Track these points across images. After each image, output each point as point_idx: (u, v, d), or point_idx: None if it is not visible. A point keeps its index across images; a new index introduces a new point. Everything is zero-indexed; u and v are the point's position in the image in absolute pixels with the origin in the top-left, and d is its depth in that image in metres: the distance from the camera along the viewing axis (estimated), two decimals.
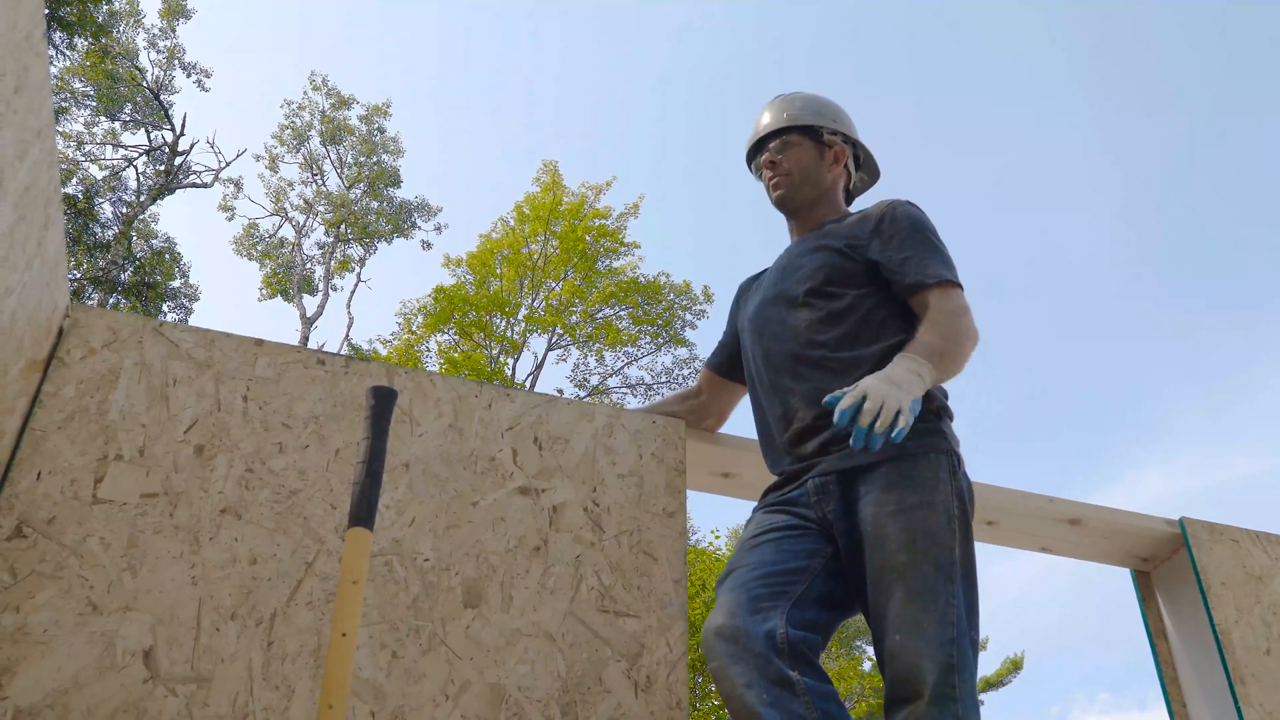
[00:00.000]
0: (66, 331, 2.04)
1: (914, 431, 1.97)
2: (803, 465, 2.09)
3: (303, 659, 1.86)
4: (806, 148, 2.42)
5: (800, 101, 2.49)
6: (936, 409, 2.06)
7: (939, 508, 1.88)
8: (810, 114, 2.45)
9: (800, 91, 2.54)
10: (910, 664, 1.73)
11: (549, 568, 2.12)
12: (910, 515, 1.87)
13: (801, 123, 2.43)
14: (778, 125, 2.45)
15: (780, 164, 2.42)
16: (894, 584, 1.82)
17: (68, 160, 20.18)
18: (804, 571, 1.94)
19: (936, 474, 1.93)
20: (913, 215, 2.25)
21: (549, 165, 18.80)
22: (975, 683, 1.76)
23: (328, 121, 23.69)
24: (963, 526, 1.90)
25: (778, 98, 2.53)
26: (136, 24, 21.10)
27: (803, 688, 1.72)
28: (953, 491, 1.92)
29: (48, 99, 1.73)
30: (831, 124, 2.44)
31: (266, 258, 23.62)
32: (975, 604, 1.85)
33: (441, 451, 2.18)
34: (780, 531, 2.02)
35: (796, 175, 2.40)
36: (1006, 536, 2.85)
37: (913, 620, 1.77)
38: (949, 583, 1.81)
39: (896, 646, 1.76)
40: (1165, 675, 2.81)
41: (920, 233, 2.22)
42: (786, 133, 2.44)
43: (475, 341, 17.31)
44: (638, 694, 2.04)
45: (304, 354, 2.20)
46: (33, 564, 1.79)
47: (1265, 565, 2.82)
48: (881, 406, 1.81)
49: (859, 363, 2.09)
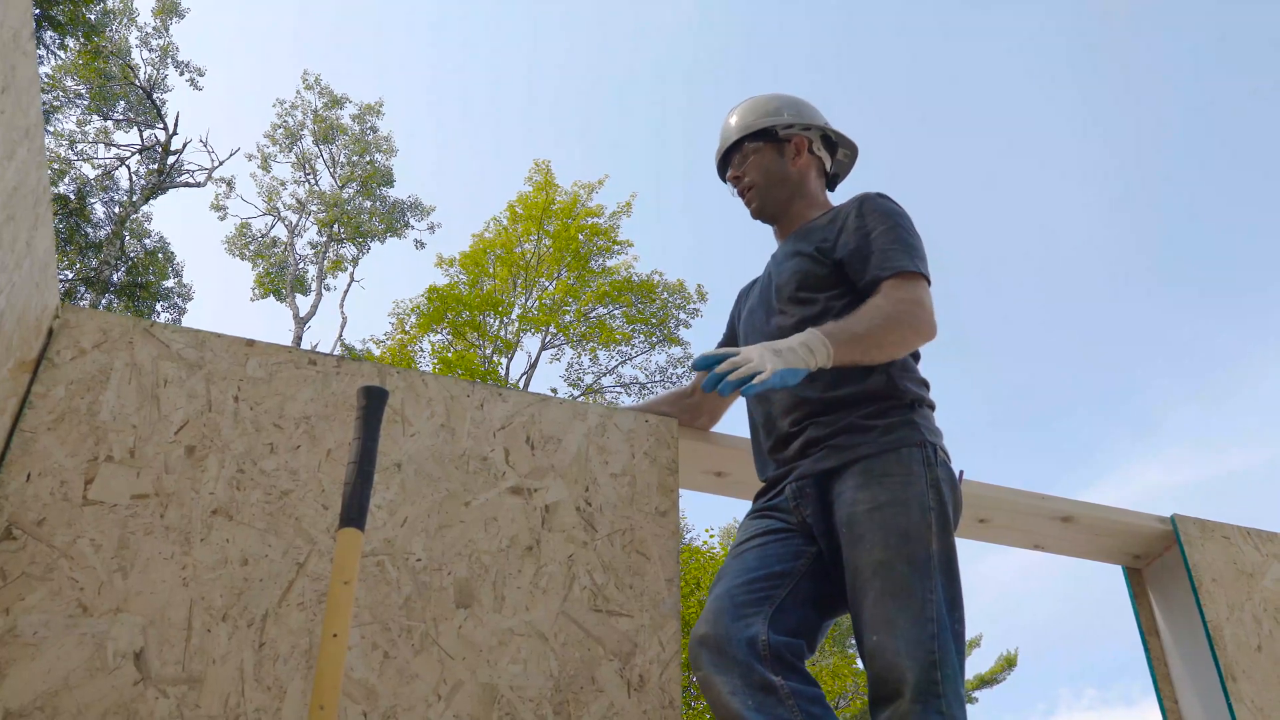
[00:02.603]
0: (56, 332, 2.03)
1: (885, 427, 1.98)
2: (783, 470, 2.10)
3: (295, 660, 1.86)
4: (765, 151, 2.40)
5: (746, 107, 2.47)
6: (909, 401, 2.04)
7: (913, 503, 1.88)
8: (758, 116, 2.43)
9: (748, 97, 2.51)
10: (889, 663, 1.74)
11: (541, 567, 2.12)
12: (884, 513, 1.87)
13: (753, 129, 2.41)
14: (731, 140, 2.44)
15: (743, 177, 2.41)
16: (870, 583, 1.82)
17: (60, 159, 20.12)
18: (787, 575, 1.95)
19: (910, 468, 1.92)
20: (880, 208, 2.22)
21: (541, 164, 18.79)
22: (960, 676, 1.75)
23: (320, 120, 23.65)
24: (939, 519, 1.88)
25: (729, 112, 2.51)
26: (130, 22, 21.06)
27: (787, 692, 1.74)
28: (928, 484, 1.91)
29: (36, 98, 1.73)
30: (783, 119, 2.41)
31: (259, 257, 23.58)
32: (957, 597, 1.84)
33: (434, 451, 2.17)
34: (764, 536, 2.04)
35: (763, 182, 2.38)
36: (999, 534, 2.86)
37: (889, 619, 1.77)
38: (925, 579, 1.80)
39: (875, 646, 1.77)
40: (1157, 672, 2.81)
41: (885, 225, 2.18)
42: (741, 144, 2.42)
43: (469, 341, 17.30)
44: (630, 693, 2.04)
45: (295, 354, 2.20)
46: (22, 566, 1.79)
47: (1256, 562, 2.83)
48: (745, 363, 1.82)
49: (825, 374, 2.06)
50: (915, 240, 2.18)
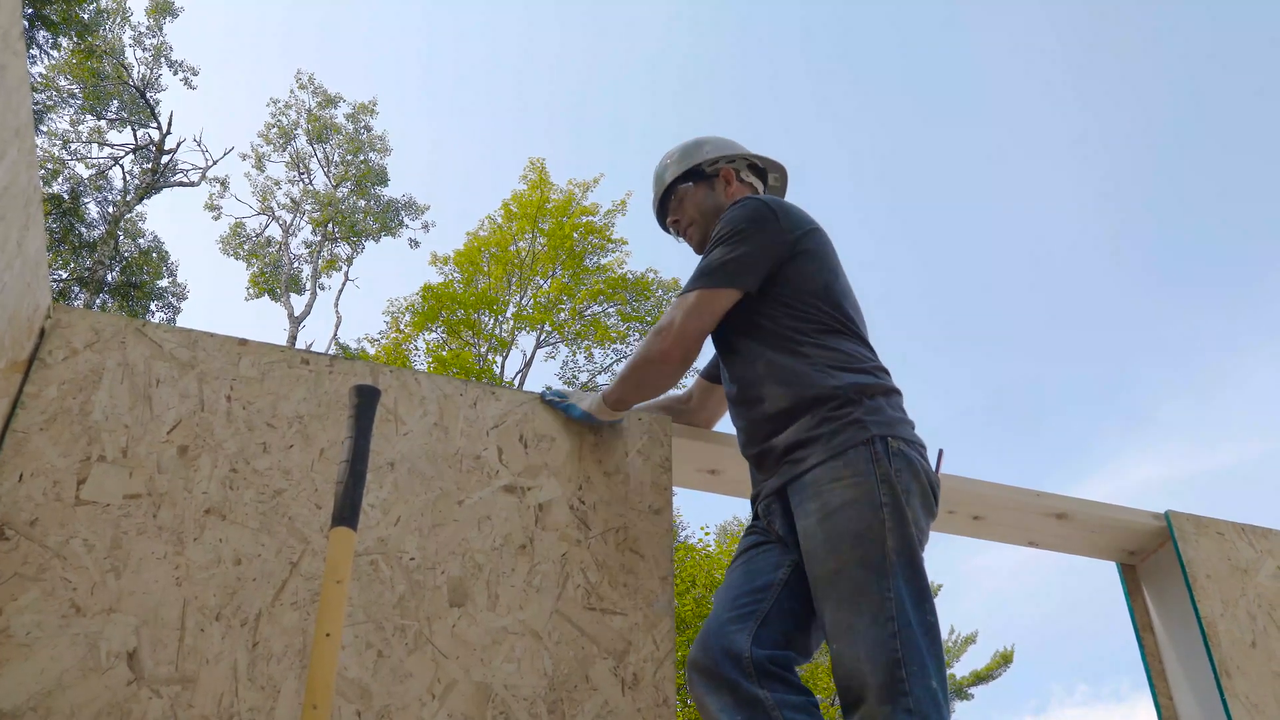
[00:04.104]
0: (48, 332, 2.03)
1: (830, 433, 1.96)
2: (756, 490, 2.17)
3: (288, 659, 1.85)
4: (695, 190, 2.44)
5: (666, 159, 2.52)
6: (849, 398, 1.99)
7: (863, 503, 1.86)
8: (679, 161, 2.48)
9: (666, 152, 2.55)
10: (849, 669, 1.74)
11: (535, 566, 2.11)
12: (833, 520, 1.87)
13: (681, 171, 2.45)
14: (663, 187, 2.49)
15: (681, 220, 2.46)
16: (827, 594, 1.83)
17: (53, 159, 20.08)
18: (770, 587, 1.98)
19: (857, 468, 1.90)
20: (715, 229, 2.25)
21: (536, 163, 18.76)
22: (932, 670, 1.73)
23: (314, 120, 23.62)
24: (894, 514, 1.85)
25: (655, 168, 2.56)
26: (123, 21, 21.00)
27: (772, 704, 1.78)
28: (878, 480, 1.88)
29: (26, 98, 1.72)
30: (704, 156, 2.45)
31: (253, 257, 23.54)
32: (924, 589, 1.82)
33: (427, 450, 2.17)
34: (751, 551, 2.10)
35: (699, 217, 2.42)
36: (994, 531, 2.86)
37: (848, 626, 1.77)
38: (882, 578, 1.79)
39: (836, 654, 1.79)
40: (1151, 668, 2.82)
41: (710, 244, 2.22)
42: (674, 189, 2.46)
43: (463, 340, 17.28)
44: (624, 691, 2.04)
45: (288, 353, 2.19)
46: (15, 566, 1.78)
47: (1250, 558, 2.83)
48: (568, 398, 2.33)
49: (760, 388, 2.11)
50: (716, 256, 2.18)
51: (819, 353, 2.07)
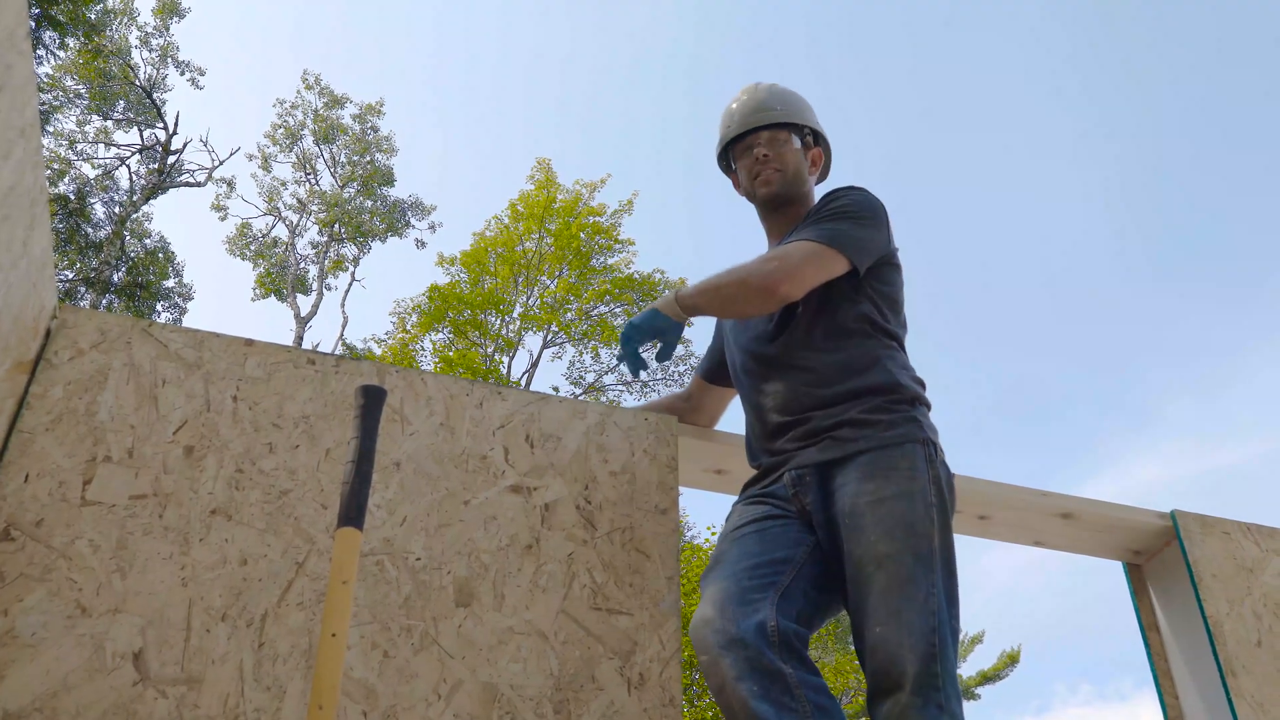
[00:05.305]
0: (54, 333, 2.03)
1: (889, 422, 1.98)
2: (778, 459, 2.11)
3: (294, 659, 1.86)
4: (794, 148, 2.36)
5: (786, 97, 2.42)
6: (910, 398, 2.05)
7: (917, 497, 1.88)
8: (790, 108, 2.39)
9: (776, 85, 2.46)
10: (892, 654, 1.73)
11: (541, 566, 2.11)
12: (888, 506, 1.87)
13: (790, 120, 2.37)
14: (770, 119, 2.36)
15: (772, 159, 2.33)
16: (874, 575, 1.81)
17: (60, 159, 20.12)
18: (789, 561, 1.94)
19: (913, 463, 1.93)
20: (837, 199, 2.22)
21: (543, 163, 18.78)
22: (956, 672, 1.75)
23: (321, 120, 23.64)
24: (940, 516, 1.89)
25: (757, 88, 2.45)
26: (130, 21, 21.05)
27: (795, 680, 1.71)
28: (930, 480, 1.91)
29: (32, 98, 1.72)
30: (812, 124, 2.40)
31: (260, 258, 23.57)
32: (955, 593, 1.85)
33: (433, 450, 2.17)
34: (763, 522, 2.03)
35: (789, 173, 2.34)
36: (999, 531, 2.85)
37: (893, 610, 1.76)
38: (929, 572, 1.80)
39: (877, 638, 1.76)
40: (1157, 668, 2.81)
41: (830, 210, 2.18)
42: (777, 128, 2.36)
43: (470, 340, 17.29)
44: (631, 691, 2.04)
45: (294, 353, 2.20)
46: (21, 567, 1.79)
47: (1256, 557, 2.83)
48: None
49: (821, 359, 2.10)
50: (845, 224, 2.15)
51: (886, 349, 2.12)
